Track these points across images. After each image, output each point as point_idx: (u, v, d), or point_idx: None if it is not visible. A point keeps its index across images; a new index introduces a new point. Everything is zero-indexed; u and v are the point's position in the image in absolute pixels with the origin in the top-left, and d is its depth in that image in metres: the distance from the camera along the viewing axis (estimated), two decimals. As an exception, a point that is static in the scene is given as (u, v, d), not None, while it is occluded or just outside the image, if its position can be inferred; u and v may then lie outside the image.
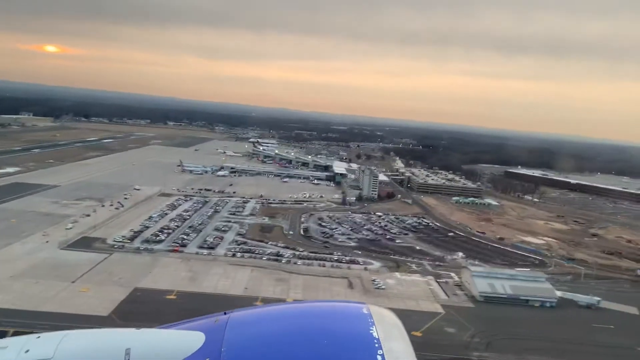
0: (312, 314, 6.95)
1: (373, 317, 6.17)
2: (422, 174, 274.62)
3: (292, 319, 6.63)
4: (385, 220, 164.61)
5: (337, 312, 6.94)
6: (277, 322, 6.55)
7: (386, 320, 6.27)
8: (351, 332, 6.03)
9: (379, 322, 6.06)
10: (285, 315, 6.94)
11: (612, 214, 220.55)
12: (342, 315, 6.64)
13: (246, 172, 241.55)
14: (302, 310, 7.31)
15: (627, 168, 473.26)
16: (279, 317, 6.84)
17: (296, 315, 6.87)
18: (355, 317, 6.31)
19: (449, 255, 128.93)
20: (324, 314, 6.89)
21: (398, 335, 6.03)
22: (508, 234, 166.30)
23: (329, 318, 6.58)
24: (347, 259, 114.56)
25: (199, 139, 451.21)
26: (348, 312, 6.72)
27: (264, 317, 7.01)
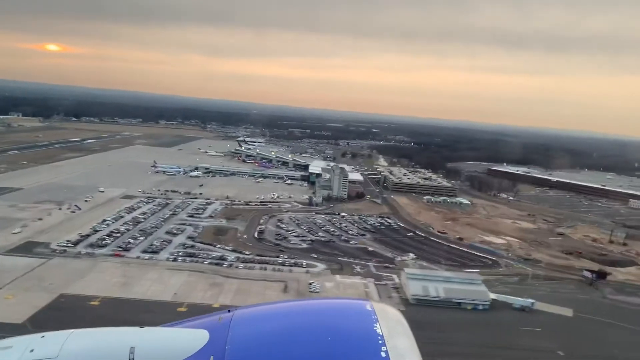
0: (316, 311, 7.06)
1: (377, 314, 6.23)
2: (399, 173, 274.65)
3: (295, 317, 6.71)
4: (348, 220, 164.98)
5: (340, 309, 7.06)
6: (281, 319, 6.64)
7: (390, 317, 6.34)
8: (355, 329, 6.08)
9: (382, 319, 6.12)
10: (289, 313, 7.04)
11: (586, 211, 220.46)
12: (346, 313, 6.71)
13: (221, 173, 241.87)
14: (305, 307, 7.50)
15: (621, 163, 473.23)
16: (282, 315, 6.92)
17: (300, 313, 6.99)
18: (358, 314, 6.37)
19: (399, 257, 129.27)
20: (328, 311, 6.99)
21: (402, 331, 6.11)
22: (471, 233, 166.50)
23: (332, 315, 6.66)
24: (291, 261, 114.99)
25: (187, 138, 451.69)
26: (351, 309, 6.78)
27: (267, 314, 7.06)
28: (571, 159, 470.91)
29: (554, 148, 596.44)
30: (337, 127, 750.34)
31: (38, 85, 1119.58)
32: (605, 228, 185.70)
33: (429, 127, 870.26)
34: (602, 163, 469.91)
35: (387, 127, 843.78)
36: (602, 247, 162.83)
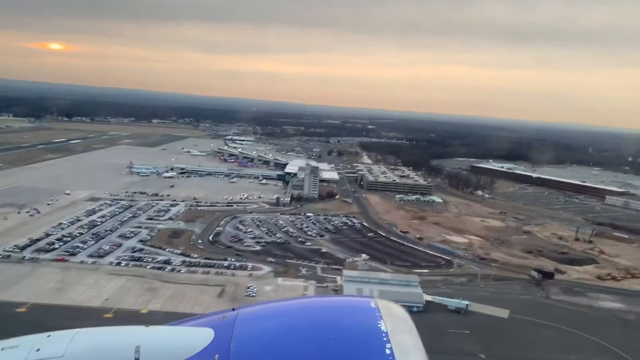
0: (320, 309, 7.10)
1: (381, 311, 6.26)
2: (378, 171, 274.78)
3: (299, 314, 6.77)
4: (311, 221, 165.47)
5: (344, 306, 7.09)
6: (285, 317, 6.69)
7: (394, 314, 6.35)
8: (359, 326, 6.11)
9: (386, 316, 6.15)
10: (293, 311, 7.09)
11: (560, 208, 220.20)
12: (350, 310, 6.76)
13: (196, 173, 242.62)
14: (309, 305, 7.55)
15: (613, 158, 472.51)
16: (286, 313, 6.98)
17: (304, 311, 7.03)
18: (362, 311, 6.40)
19: (351, 258, 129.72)
20: (332, 308, 7.04)
21: (406, 328, 6.11)
22: (434, 232, 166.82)
23: (336, 313, 6.69)
24: (237, 264, 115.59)
25: (175, 137, 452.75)
26: (355, 307, 6.84)
27: (272, 312, 7.15)
28: (562, 153, 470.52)
29: (549, 142, 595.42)
30: (333, 124, 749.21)
31: (39, 84, 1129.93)
32: (574, 226, 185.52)
33: (428, 123, 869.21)
34: (595, 158, 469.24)
35: (385, 123, 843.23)
36: (566, 245, 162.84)
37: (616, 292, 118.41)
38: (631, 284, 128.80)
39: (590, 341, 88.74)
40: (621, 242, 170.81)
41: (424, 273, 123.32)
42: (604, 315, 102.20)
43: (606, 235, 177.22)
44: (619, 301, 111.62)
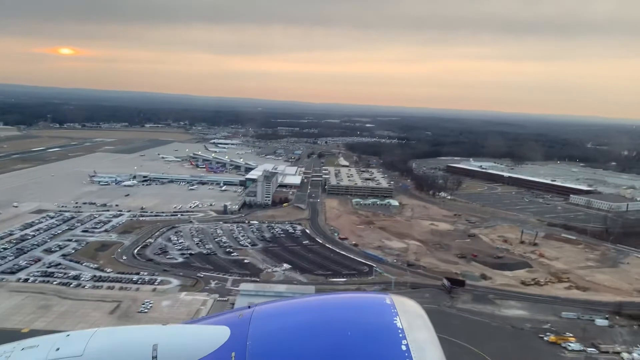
0: (336, 306, 7.19)
1: (396, 308, 6.36)
2: (344, 174, 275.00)
3: (315, 312, 6.89)
4: (252, 229, 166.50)
5: (360, 303, 7.17)
6: (301, 314, 6.83)
7: (410, 310, 6.44)
8: (375, 323, 6.18)
9: (402, 313, 6.24)
10: (309, 308, 7.22)
11: (521, 209, 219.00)
12: (366, 307, 6.83)
13: (158, 180, 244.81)
14: (325, 302, 7.57)
15: (607, 153, 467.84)
16: (302, 310, 7.13)
17: (320, 308, 7.13)
18: (378, 307, 6.50)
19: (272, 268, 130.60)
20: (347, 305, 7.15)
21: (422, 325, 6.20)
22: (375, 238, 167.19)
23: (352, 310, 6.79)
24: (147, 279, 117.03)
25: (160, 142, 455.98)
26: (371, 303, 6.92)
27: (287, 310, 7.23)
28: (556, 149, 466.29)
29: (547, 138, 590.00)
30: (332, 124, 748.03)
31: (48, 89, 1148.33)
32: (526, 228, 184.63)
33: (432, 119, 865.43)
34: (589, 153, 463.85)
35: (387, 121, 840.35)
36: (507, 249, 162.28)
37: (528, 299, 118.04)
38: (553, 289, 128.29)
39: (473, 353, 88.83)
40: (567, 244, 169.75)
41: (339, 282, 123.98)
42: (499, 325, 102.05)
43: (554, 237, 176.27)
44: (525, 308, 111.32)
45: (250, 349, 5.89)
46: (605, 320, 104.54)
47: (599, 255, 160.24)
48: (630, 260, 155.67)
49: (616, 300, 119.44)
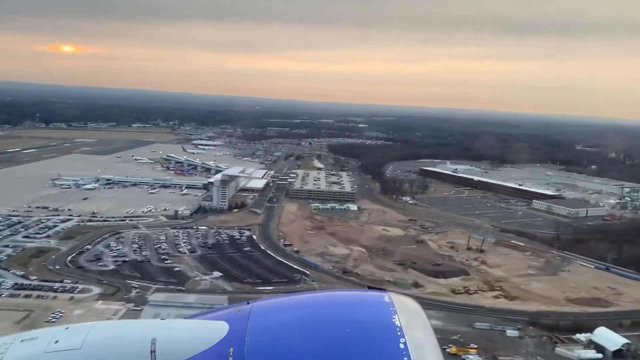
0: (334, 303, 7.28)
1: (395, 306, 6.39)
2: (310, 178, 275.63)
3: (314, 308, 6.99)
4: (197, 235, 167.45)
5: (358, 300, 7.26)
6: (300, 311, 6.91)
7: (408, 308, 6.51)
8: (373, 321, 6.25)
9: (401, 311, 6.28)
10: (308, 305, 7.31)
11: (480, 214, 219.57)
12: (364, 304, 6.91)
13: (121, 183, 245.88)
14: (324, 299, 7.73)
15: (592, 155, 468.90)
16: (301, 307, 7.19)
17: (318, 305, 7.25)
18: (376, 305, 6.55)
19: (201, 277, 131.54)
20: (346, 302, 7.22)
21: (420, 323, 6.26)
22: (321, 244, 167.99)
23: (350, 307, 6.87)
24: (68, 287, 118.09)
25: (142, 142, 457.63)
26: (370, 301, 6.98)
27: (286, 306, 7.32)
28: (542, 151, 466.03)
29: (538, 139, 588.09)
30: (324, 124, 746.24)
31: (47, 87, 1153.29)
32: (480, 233, 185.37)
33: (428, 119, 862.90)
34: (576, 155, 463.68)
35: (382, 121, 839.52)
36: (451, 256, 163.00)
37: (450, 308, 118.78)
38: (481, 298, 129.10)
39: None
40: (514, 251, 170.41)
41: (266, 290, 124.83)
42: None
43: (503, 243, 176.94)
44: (442, 318, 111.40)
45: (248, 345, 5.98)
46: (516, 331, 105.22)
47: (543, 262, 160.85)
48: (573, 268, 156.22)
49: (540, 309, 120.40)
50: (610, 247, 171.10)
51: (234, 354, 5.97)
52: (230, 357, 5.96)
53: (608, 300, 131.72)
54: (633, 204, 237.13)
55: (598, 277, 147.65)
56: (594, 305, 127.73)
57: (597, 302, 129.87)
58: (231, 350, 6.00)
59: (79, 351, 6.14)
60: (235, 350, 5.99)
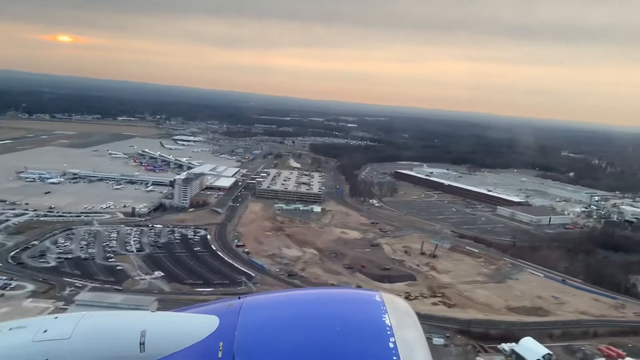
0: (325, 300, 7.33)
1: (386, 305, 6.42)
2: (281, 177, 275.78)
3: (305, 305, 7.01)
4: (149, 233, 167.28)
5: (349, 299, 7.35)
6: (290, 307, 6.91)
7: (399, 308, 6.55)
8: (363, 319, 6.28)
9: (391, 310, 6.31)
10: (299, 301, 7.32)
11: (444, 219, 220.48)
12: (355, 303, 6.98)
13: (88, 178, 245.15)
14: (315, 296, 7.74)
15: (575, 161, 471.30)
16: (292, 303, 7.22)
17: (309, 302, 7.27)
18: (367, 304, 6.57)
19: (142, 276, 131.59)
20: (337, 300, 7.27)
21: (410, 323, 6.31)
22: (275, 245, 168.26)
23: (341, 305, 6.92)
24: (1, 283, 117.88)
25: (122, 136, 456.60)
26: (360, 300, 7.04)
27: (277, 302, 7.41)
28: (519, 157, 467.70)
29: (521, 144, 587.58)
30: (314, 123, 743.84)
31: (42, 77, 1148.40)
32: (437, 238, 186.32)
33: (419, 120, 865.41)
34: (555, 162, 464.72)
35: (374, 120, 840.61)
36: (404, 260, 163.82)
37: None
38: (420, 304, 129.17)
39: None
40: (468, 257, 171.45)
41: (204, 292, 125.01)
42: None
43: (458, 249, 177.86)
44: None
45: (238, 339, 5.99)
46: (442, 339, 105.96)
47: (494, 269, 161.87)
48: (522, 275, 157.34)
49: (474, 317, 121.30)
50: (564, 256, 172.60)
51: (224, 348, 5.97)
52: (220, 351, 5.97)
53: (548, 309, 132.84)
54: (598, 212, 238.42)
55: (545, 286, 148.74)
56: (532, 315, 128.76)
57: (536, 312, 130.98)
58: (221, 345, 6.01)
59: (68, 341, 6.14)
60: (225, 344, 5.99)
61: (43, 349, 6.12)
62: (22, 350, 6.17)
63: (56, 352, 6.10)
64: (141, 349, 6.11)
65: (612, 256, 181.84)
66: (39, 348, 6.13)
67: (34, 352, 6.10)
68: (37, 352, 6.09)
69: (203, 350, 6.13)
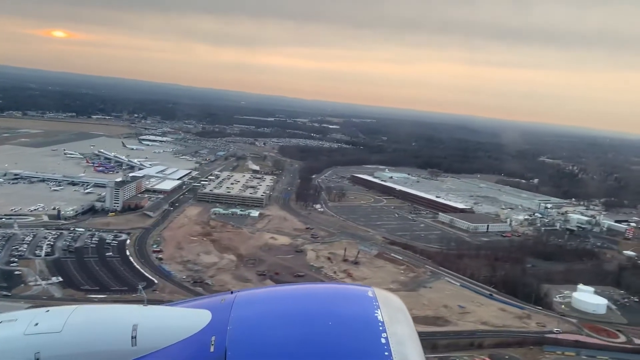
0: (318, 295, 7.33)
1: (378, 301, 6.48)
2: (232, 180, 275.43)
3: (298, 300, 7.03)
4: (68, 237, 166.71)
5: (342, 294, 7.34)
6: (283, 302, 6.98)
7: (391, 304, 6.60)
8: (356, 315, 6.35)
9: (384, 306, 6.38)
10: (291, 296, 7.34)
11: (381, 225, 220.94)
12: (348, 298, 7.01)
13: (29, 179, 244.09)
14: (308, 291, 7.74)
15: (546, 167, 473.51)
16: (284, 298, 7.26)
17: (302, 297, 7.28)
18: (360, 299, 6.63)
19: (38, 282, 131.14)
20: (330, 296, 7.30)
21: (402, 319, 6.39)
22: (195, 252, 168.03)
23: (334, 300, 6.95)
24: None
25: (88, 135, 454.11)
26: (353, 295, 7.09)
27: (270, 297, 7.41)
28: (490, 162, 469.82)
29: (502, 149, 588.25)
30: (295, 124, 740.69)
31: (32, 72, 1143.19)
32: (366, 245, 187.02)
33: (406, 122, 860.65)
34: (526, 168, 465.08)
35: (359, 122, 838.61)
36: (323, 266, 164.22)
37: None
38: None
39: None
40: (391, 264, 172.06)
41: (95, 299, 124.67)
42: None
43: (384, 255, 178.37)
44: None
45: (230, 334, 6.01)
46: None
47: (412, 277, 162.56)
48: (438, 284, 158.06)
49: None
50: (489, 265, 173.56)
51: (216, 342, 5.99)
52: (212, 345, 5.99)
53: (449, 319, 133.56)
54: (542, 220, 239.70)
55: (455, 295, 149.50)
56: (430, 325, 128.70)
57: (436, 321, 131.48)
58: (213, 339, 6.03)
59: (59, 334, 6.14)
60: (217, 338, 6.01)
61: (34, 342, 6.11)
62: (13, 343, 6.15)
63: (47, 345, 6.08)
64: (133, 342, 6.11)
65: (541, 265, 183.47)
66: (30, 341, 6.11)
67: (25, 345, 6.09)
68: (29, 345, 6.07)
69: (195, 344, 6.16)
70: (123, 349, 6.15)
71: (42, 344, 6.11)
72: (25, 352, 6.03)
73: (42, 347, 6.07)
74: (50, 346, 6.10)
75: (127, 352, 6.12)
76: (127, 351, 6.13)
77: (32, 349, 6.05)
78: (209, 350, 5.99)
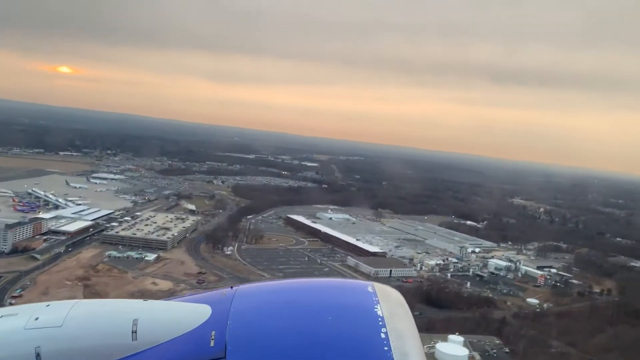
0: (318, 290, 7.28)
1: (378, 296, 6.39)
2: (150, 221, 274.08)
3: (297, 295, 6.94)
4: None
5: (342, 289, 7.27)
6: (283, 297, 6.88)
7: (391, 299, 6.51)
8: (356, 310, 6.26)
9: (384, 301, 6.28)
10: (291, 291, 7.28)
11: (281, 269, 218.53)
12: (348, 293, 6.92)
13: None
14: (308, 286, 7.65)
15: (508, 209, 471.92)
16: (285, 292, 7.17)
17: (302, 291, 7.20)
18: (360, 294, 6.53)
19: None
20: (330, 290, 7.23)
21: (403, 314, 6.29)
22: (60, 297, 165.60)
23: (334, 295, 6.89)
24: None
25: (40, 172, 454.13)
26: (353, 290, 6.98)
27: (270, 291, 7.36)
28: (456, 204, 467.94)
29: (477, 189, 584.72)
30: (277, 162, 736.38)
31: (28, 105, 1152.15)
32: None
33: (394, 160, 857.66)
34: (490, 209, 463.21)
35: (344, 160, 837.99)
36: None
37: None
38: None
39: None
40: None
41: None
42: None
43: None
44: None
45: (230, 329, 5.89)
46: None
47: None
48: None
49: None
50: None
51: (216, 337, 5.86)
52: (212, 340, 5.86)
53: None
54: (456, 265, 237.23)
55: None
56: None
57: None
58: (213, 334, 5.90)
59: (60, 329, 6.02)
60: (217, 333, 5.88)
61: (35, 336, 5.99)
62: (13, 337, 6.05)
63: (48, 339, 5.97)
64: (133, 337, 6.01)
65: (428, 312, 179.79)
66: (30, 335, 6.00)
67: (25, 339, 5.97)
68: (29, 339, 5.96)
69: (195, 338, 6.03)
70: (123, 343, 6.01)
71: (43, 338, 5.98)
72: (26, 346, 5.93)
73: (42, 342, 5.95)
74: (50, 340, 5.97)
75: (127, 347, 6.00)
76: (128, 345, 6.00)
77: (32, 343, 5.93)
78: (209, 345, 5.83)
